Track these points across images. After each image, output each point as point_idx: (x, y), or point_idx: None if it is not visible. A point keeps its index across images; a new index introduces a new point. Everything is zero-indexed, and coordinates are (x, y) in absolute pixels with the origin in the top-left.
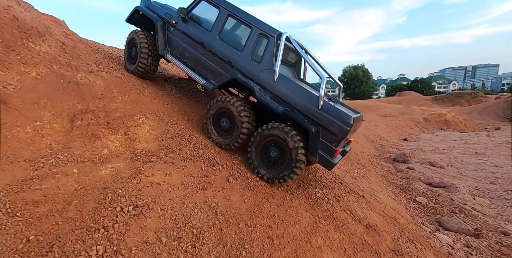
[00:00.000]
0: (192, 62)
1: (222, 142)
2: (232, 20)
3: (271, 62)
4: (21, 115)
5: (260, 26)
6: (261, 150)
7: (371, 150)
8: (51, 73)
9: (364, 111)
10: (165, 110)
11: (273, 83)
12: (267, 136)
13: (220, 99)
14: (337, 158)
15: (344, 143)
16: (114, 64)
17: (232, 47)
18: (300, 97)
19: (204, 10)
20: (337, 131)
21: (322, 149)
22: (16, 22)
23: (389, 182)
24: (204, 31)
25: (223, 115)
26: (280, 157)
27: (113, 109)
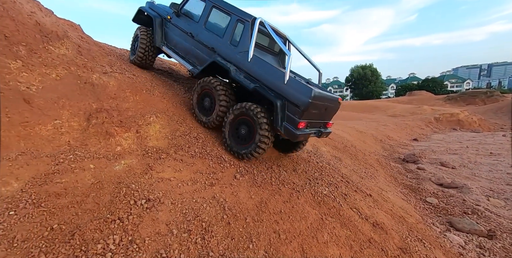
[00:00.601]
0: (183, 52)
1: (205, 120)
2: (216, 10)
3: (246, 44)
4: (43, 114)
5: (238, 13)
6: (233, 128)
7: (380, 150)
8: (69, 74)
9: (373, 111)
10: (174, 109)
11: (247, 63)
12: (237, 116)
13: (203, 80)
14: (302, 130)
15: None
16: (126, 65)
17: (215, 34)
18: (270, 75)
19: (193, 5)
20: (300, 103)
21: (287, 121)
22: (38, 27)
23: (398, 182)
24: (193, 23)
25: (206, 95)
26: (248, 134)
27: (125, 108)
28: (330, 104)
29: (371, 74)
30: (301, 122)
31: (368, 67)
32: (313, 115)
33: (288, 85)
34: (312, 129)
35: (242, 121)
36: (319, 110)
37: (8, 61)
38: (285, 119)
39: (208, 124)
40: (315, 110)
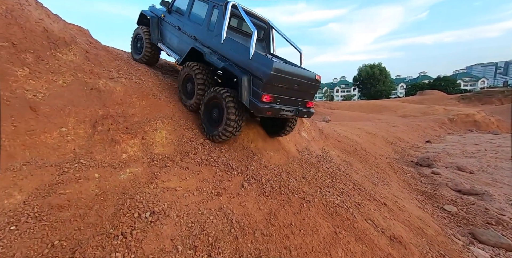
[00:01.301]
0: (174, 45)
1: (187, 102)
2: (198, 2)
3: (220, 27)
4: (49, 121)
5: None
6: (207, 111)
7: (391, 153)
8: (76, 81)
9: (382, 112)
10: (180, 114)
11: (220, 45)
12: (210, 99)
13: (186, 64)
14: (268, 104)
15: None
16: (132, 69)
17: (197, 23)
18: (238, 52)
19: (181, 1)
20: (262, 75)
21: (253, 95)
22: (46, 33)
23: (412, 188)
24: (181, 16)
25: (189, 80)
26: (219, 117)
27: (131, 114)
28: (304, 81)
29: (379, 73)
30: (264, 94)
31: (376, 66)
32: (282, 90)
33: (253, 60)
34: (285, 106)
35: (214, 104)
36: (289, 85)
37: (16, 69)
38: (251, 94)
39: (191, 107)
40: (284, 84)
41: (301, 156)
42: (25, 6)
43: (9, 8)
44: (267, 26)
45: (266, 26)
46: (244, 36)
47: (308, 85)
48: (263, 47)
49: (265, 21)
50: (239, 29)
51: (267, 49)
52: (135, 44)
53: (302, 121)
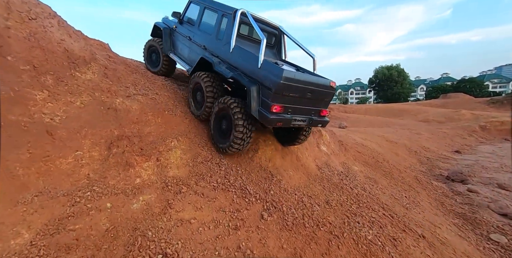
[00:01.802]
0: (185, 55)
1: (196, 113)
2: (207, 11)
3: (229, 36)
4: (65, 145)
5: (222, 8)
6: (217, 121)
7: (416, 165)
8: (93, 101)
9: (401, 116)
10: (196, 130)
11: (228, 54)
12: (219, 110)
13: (196, 74)
14: (278, 115)
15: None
16: (149, 83)
17: (206, 33)
18: (247, 62)
19: (192, 11)
20: (271, 85)
21: (262, 106)
22: (67, 54)
23: (446, 209)
24: (191, 27)
25: (198, 90)
26: (228, 128)
27: (147, 133)
28: (317, 88)
29: (397, 75)
30: (274, 105)
31: (394, 68)
32: (294, 100)
33: (262, 68)
34: (297, 116)
35: (224, 115)
36: (300, 94)
37: (35, 92)
38: (260, 104)
39: (200, 117)
40: (294, 93)
41: (321, 174)
42: (48, 28)
43: (33, 31)
44: (278, 32)
45: (277, 32)
46: (255, 44)
47: (322, 93)
48: (274, 54)
49: (276, 27)
50: (250, 36)
51: (278, 56)
52: (149, 56)
53: (321, 133)
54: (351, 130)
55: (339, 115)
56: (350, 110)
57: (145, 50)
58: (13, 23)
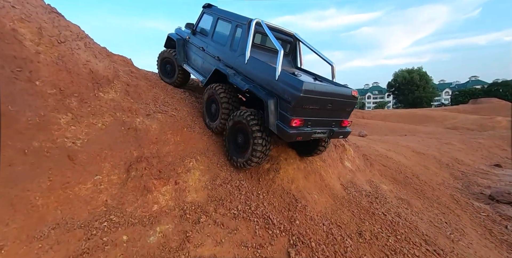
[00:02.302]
0: (198, 66)
1: (211, 124)
2: (220, 21)
3: (243, 47)
4: (85, 170)
5: (236, 18)
6: (232, 135)
7: (450, 180)
8: (114, 121)
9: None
10: (214, 148)
11: (244, 66)
12: (234, 123)
13: (210, 86)
14: (298, 129)
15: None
16: (168, 97)
17: (220, 44)
18: (264, 73)
19: (205, 22)
20: (290, 98)
21: (280, 119)
22: (91, 75)
23: (497, 238)
24: (205, 38)
25: (212, 102)
26: (244, 142)
27: (165, 153)
28: (338, 99)
29: (419, 78)
30: (294, 119)
31: (415, 71)
32: (314, 112)
33: (280, 80)
34: (317, 128)
35: (240, 129)
36: (321, 106)
37: (60, 116)
38: (278, 118)
39: (215, 129)
40: (315, 105)
41: (348, 195)
42: (75, 50)
43: (61, 54)
44: (293, 39)
45: (292, 39)
46: (270, 53)
47: (343, 103)
48: (289, 61)
49: (291, 34)
50: (263, 45)
51: (294, 63)
52: (163, 67)
53: (345, 148)
54: (372, 139)
55: (356, 121)
56: (368, 116)
57: (159, 61)
58: (43, 48)
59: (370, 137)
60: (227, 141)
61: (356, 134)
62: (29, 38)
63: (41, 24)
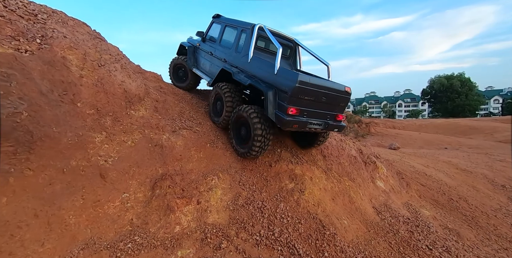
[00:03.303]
0: (206, 69)
1: (216, 120)
2: (228, 28)
3: (247, 48)
4: (114, 188)
5: (241, 24)
6: (236, 129)
7: (509, 206)
8: (143, 138)
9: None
10: (236, 164)
11: (247, 64)
12: (237, 118)
13: (216, 85)
14: (294, 117)
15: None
16: (193, 111)
17: (227, 48)
18: (264, 69)
19: (214, 30)
20: (287, 89)
21: (278, 109)
22: (125, 94)
23: None
24: (213, 44)
25: (218, 99)
26: (246, 134)
27: (188, 170)
28: (331, 93)
29: (460, 84)
30: (290, 107)
31: (455, 77)
32: (309, 103)
33: (278, 75)
34: (313, 119)
35: (242, 122)
36: (315, 98)
37: (95, 135)
38: (276, 107)
39: (220, 124)
40: (309, 96)
41: (383, 221)
42: (112, 72)
43: (100, 76)
44: (293, 44)
45: (292, 44)
46: (271, 55)
47: (337, 97)
48: (290, 64)
49: (291, 39)
50: (267, 49)
51: (293, 66)
52: (175, 73)
53: (376, 165)
54: (405, 153)
55: (386, 132)
56: (399, 126)
57: (172, 68)
58: (86, 72)
59: (403, 150)
60: (232, 134)
61: (386, 146)
62: (75, 64)
63: (86, 50)
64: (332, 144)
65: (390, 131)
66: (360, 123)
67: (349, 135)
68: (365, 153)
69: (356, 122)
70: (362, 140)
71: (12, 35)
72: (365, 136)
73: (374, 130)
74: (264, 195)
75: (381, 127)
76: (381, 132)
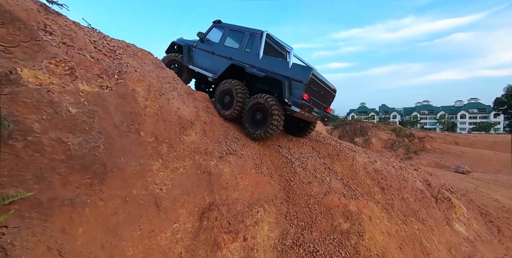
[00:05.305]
0: (204, 66)
1: (223, 113)
2: (232, 32)
3: (257, 49)
4: (166, 217)
5: (249, 30)
6: (250, 115)
7: None
8: (193, 165)
9: None
10: (282, 193)
11: (258, 61)
12: (253, 105)
13: (226, 81)
14: (306, 102)
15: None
16: (237, 131)
17: (233, 48)
18: (277, 65)
19: (214, 33)
20: (303, 79)
21: (293, 95)
22: (179, 120)
23: None
24: (214, 44)
25: (226, 94)
26: (262, 118)
27: (234, 199)
28: (327, 88)
29: None
30: (304, 93)
31: None
32: (314, 94)
33: (292, 68)
34: (315, 107)
35: (257, 108)
36: (318, 90)
37: (153, 162)
38: (292, 94)
39: (229, 116)
40: (316, 88)
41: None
42: (170, 100)
43: (160, 105)
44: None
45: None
46: (269, 55)
47: (329, 93)
48: None
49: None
50: (268, 53)
51: None
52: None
53: (452, 203)
54: (480, 179)
55: (446, 148)
56: (464, 142)
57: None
58: (149, 102)
59: (475, 174)
60: (245, 119)
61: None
62: (142, 95)
63: (150, 81)
64: (390, 173)
65: (452, 148)
66: (411, 137)
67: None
68: (434, 186)
69: (407, 136)
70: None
71: (98, 73)
72: (419, 152)
73: (430, 146)
74: (315, 236)
75: (438, 143)
76: (440, 149)
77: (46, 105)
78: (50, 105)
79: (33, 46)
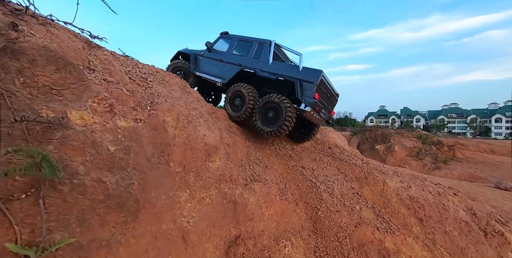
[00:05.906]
0: (213, 72)
1: (234, 115)
2: (240, 42)
3: (266, 55)
4: (194, 253)
5: (257, 40)
6: (262, 113)
7: None
8: (218, 194)
9: None
10: (309, 224)
11: (268, 66)
12: (266, 103)
13: (237, 84)
14: (318, 101)
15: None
16: (260, 152)
17: (240, 55)
18: (288, 69)
19: (221, 43)
20: (314, 80)
21: (305, 95)
22: (205, 147)
23: None
24: (222, 52)
25: (237, 96)
26: (274, 116)
27: (260, 231)
28: (332, 92)
29: None
30: (315, 93)
31: None
32: (322, 95)
33: (303, 72)
34: (323, 109)
35: (270, 107)
36: (326, 92)
37: (181, 193)
38: (304, 94)
39: (239, 117)
40: (324, 89)
41: None
42: (197, 127)
43: (188, 134)
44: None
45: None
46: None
47: (333, 97)
48: None
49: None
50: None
51: None
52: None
53: (506, 239)
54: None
55: (481, 158)
56: (502, 150)
57: (170, 71)
58: (178, 131)
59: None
60: (257, 117)
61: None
62: (171, 125)
63: (179, 110)
64: (428, 200)
65: (488, 157)
66: (440, 145)
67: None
68: (481, 216)
69: (434, 144)
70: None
71: (133, 106)
72: (449, 162)
73: (462, 155)
74: None
75: (471, 151)
76: (473, 158)
77: (89, 146)
78: (93, 146)
79: (80, 86)
